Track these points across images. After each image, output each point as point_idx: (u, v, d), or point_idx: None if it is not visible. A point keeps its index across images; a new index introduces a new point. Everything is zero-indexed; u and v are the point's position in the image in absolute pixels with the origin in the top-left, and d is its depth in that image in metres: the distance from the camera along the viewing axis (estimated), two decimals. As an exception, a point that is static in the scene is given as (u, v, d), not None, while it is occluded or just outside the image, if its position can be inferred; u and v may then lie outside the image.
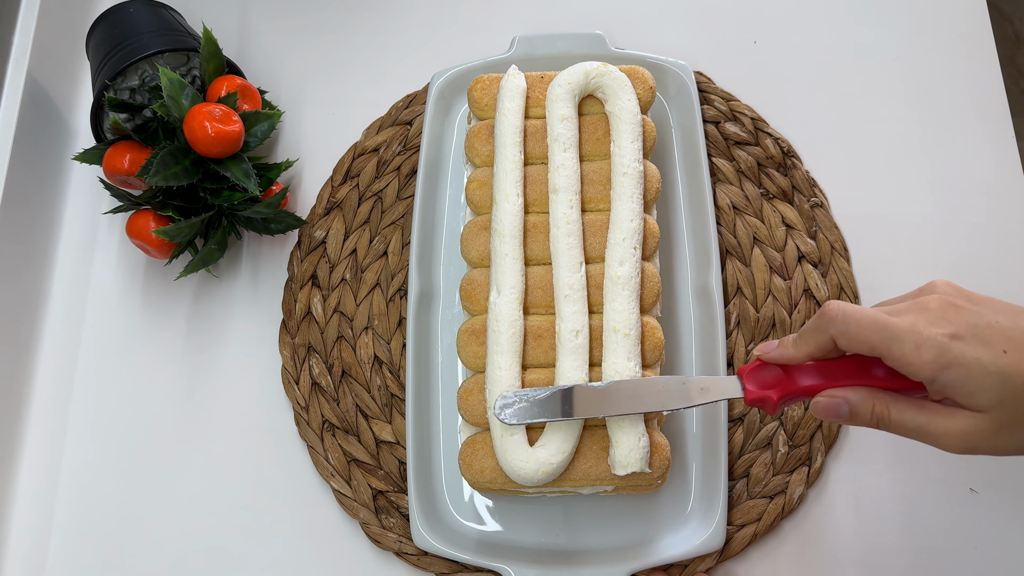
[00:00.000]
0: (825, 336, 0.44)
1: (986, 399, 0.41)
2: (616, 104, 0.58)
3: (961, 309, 0.42)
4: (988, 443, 0.42)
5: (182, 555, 0.59)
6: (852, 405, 0.44)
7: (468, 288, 0.56)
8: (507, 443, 0.51)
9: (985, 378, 0.40)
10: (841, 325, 0.43)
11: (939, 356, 0.41)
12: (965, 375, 0.40)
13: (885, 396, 0.44)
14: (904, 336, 0.41)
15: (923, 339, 0.41)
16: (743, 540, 0.57)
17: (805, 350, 0.46)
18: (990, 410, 0.41)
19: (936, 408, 0.43)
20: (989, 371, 0.40)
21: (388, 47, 0.72)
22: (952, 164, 0.66)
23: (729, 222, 0.64)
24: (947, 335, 0.41)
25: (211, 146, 0.59)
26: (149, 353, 0.64)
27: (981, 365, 0.40)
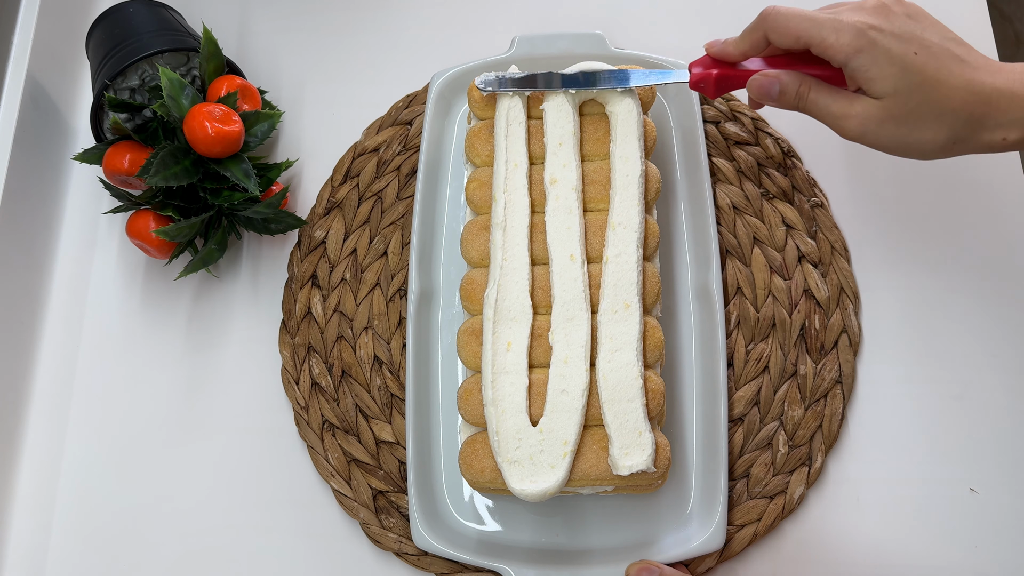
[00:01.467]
0: (759, 33, 0.50)
1: (884, 86, 0.46)
2: (618, 106, 0.58)
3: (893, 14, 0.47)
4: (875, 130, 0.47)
5: (182, 555, 0.59)
6: (782, 84, 0.50)
7: (468, 288, 0.56)
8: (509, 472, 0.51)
9: (888, 66, 0.45)
10: (772, 20, 0.49)
11: (854, 39, 0.46)
12: (871, 60, 0.45)
13: (812, 80, 0.50)
14: (826, 23, 0.47)
15: (843, 25, 0.46)
16: (743, 540, 0.57)
17: (742, 47, 0.52)
18: (885, 98, 0.46)
19: (844, 93, 0.48)
20: (894, 61, 0.45)
21: (388, 47, 0.72)
22: (952, 164, 0.66)
23: (729, 222, 0.64)
24: (867, 25, 0.46)
25: (211, 146, 0.59)
26: (149, 353, 0.64)
27: (889, 54, 0.45)
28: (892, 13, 0.47)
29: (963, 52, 0.48)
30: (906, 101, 0.46)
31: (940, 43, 0.47)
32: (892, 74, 0.45)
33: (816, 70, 0.51)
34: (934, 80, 0.46)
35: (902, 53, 0.46)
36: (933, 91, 0.46)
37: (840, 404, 0.59)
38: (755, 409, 0.60)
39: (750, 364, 0.60)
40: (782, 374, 0.60)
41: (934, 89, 0.46)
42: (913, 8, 0.49)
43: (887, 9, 0.47)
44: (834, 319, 0.61)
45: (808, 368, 0.60)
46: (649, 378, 0.53)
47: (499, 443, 0.51)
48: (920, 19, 0.48)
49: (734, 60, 0.53)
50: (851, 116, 0.48)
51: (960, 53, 0.47)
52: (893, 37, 0.46)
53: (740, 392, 0.60)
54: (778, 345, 0.61)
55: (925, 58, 0.46)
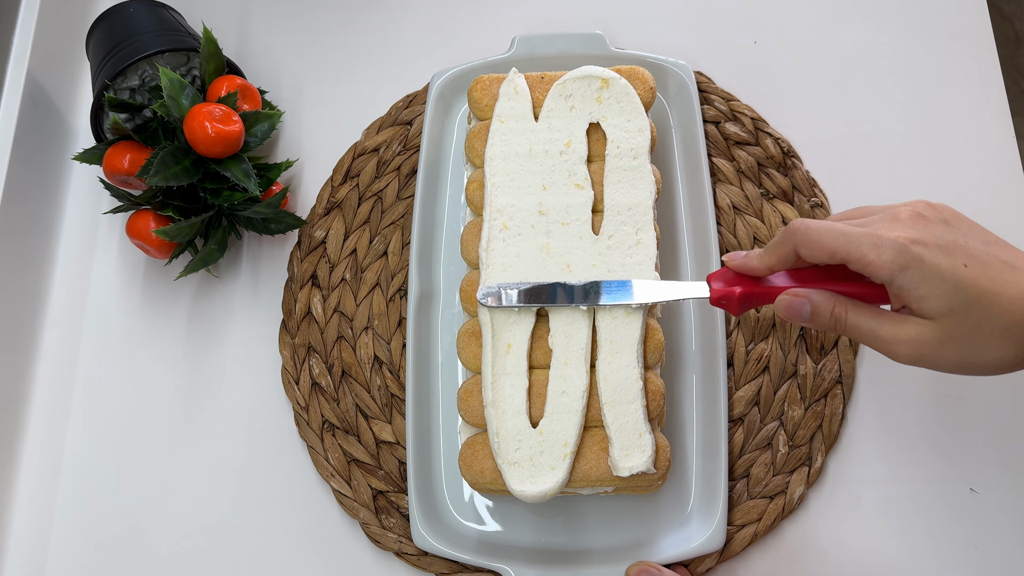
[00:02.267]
0: (787, 248, 0.46)
1: (937, 305, 0.41)
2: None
3: (930, 222, 0.43)
4: (933, 353, 0.42)
5: (182, 555, 0.59)
6: (814, 304, 0.45)
7: (468, 288, 0.56)
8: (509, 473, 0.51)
9: (940, 284, 0.41)
10: (803, 235, 0.44)
11: (898, 256, 0.41)
12: (920, 278, 0.41)
13: (845, 300, 0.45)
14: (864, 239, 0.42)
15: (883, 240, 0.42)
16: (743, 540, 0.57)
17: (768, 262, 0.47)
18: (940, 318, 0.42)
19: (890, 315, 0.44)
20: (945, 278, 0.41)
21: (388, 47, 0.72)
22: (952, 164, 0.66)
23: (729, 222, 0.64)
24: (909, 239, 0.42)
25: (211, 146, 0.59)
26: (149, 353, 0.64)
27: (938, 271, 0.41)
28: (929, 222, 0.43)
29: (1010, 256, 0.43)
30: (964, 320, 0.41)
31: (985, 249, 0.43)
32: (945, 291, 0.41)
33: (851, 286, 0.46)
34: (990, 293, 0.41)
35: (951, 267, 0.41)
36: (992, 305, 0.41)
37: (840, 404, 0.59)
38: (755, 409, 0.60)
39: (750, 364, 0.60)
40: (782, 374, 0.60)
41: (992, 303, 0.41)
42: (947, 212, 0.45)
43: (923, 218, 0.43)
44: (834, 319, 0.61)
45: (808, 368, 0.60)
46: (649, 379, 0.53)
47: (499, 444, 0.52)
48: (957, 223, 0.44)
49: (759, 275, 0.48)
50: (903, 341, 0.43)
51: (1008, 258, 0.43)
52: (938, 250, 0.42)
53: (740, 392, 0.60)
54: (778, 345, 0.61)
55: (976, 270, 0.41)
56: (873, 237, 0.42)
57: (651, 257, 0.55)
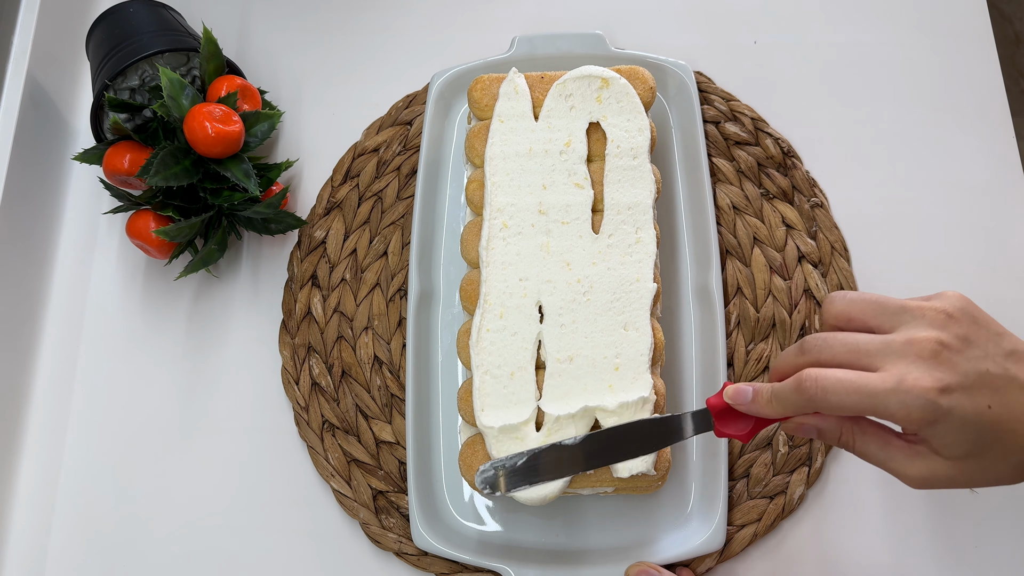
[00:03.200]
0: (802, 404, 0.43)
1: (959, 451, 0.41)
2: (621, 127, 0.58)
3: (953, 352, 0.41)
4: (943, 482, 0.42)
5: (182, 555, 0.59)
6: (821, 431, 0.45)
7: (468, 288, 0.56)
8: None
9: (967, 432, 0.41)
10: (821, 400, 0.42)
11: (926, 413, 0.40)
12: (947, 429, 0.40)
13: (852, 427, 0.44)
14: (889, 396, 0.40)
15: (910, 397, 0.40)
16: (743, 540, 0.57)
17: (781, 413, 0.44)
18: (957, 460, 0.41)
19: (900, 447, 0.43)
20: (972, 426, 0.40)
21: (388, 47, 0.72)
22: (952, 164, 0.66)
23: (729, 222, 0.64)
24: (936, 390, 0.40)
25: (211, 146, 0.59)
26: (149, 353, 0.64)
27: (965, 420, 0.40)
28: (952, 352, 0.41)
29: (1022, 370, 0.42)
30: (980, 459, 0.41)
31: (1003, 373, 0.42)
32: (970, 439, 0.41)
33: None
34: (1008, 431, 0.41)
35: (978, 413, 0.40)
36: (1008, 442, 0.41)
37: (840, 404, 0.59)
38: (755, 409, 0.59)
39: (750, 364, 0.60)
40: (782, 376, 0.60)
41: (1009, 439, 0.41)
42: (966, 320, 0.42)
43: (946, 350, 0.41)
44: (834, 319, 0.61)
45: (808, 368, 0.60)
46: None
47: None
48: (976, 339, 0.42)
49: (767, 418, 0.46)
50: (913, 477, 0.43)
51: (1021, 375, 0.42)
52: (965, 396, 0.40)
53: (740, 392, 0.60)
54: (778, 345, 0.61)
55: (998, 410, 0.41)
56: (898, 395, 0.40)
57: (651, 256, 0.55)
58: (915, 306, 0.43)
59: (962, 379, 0.41)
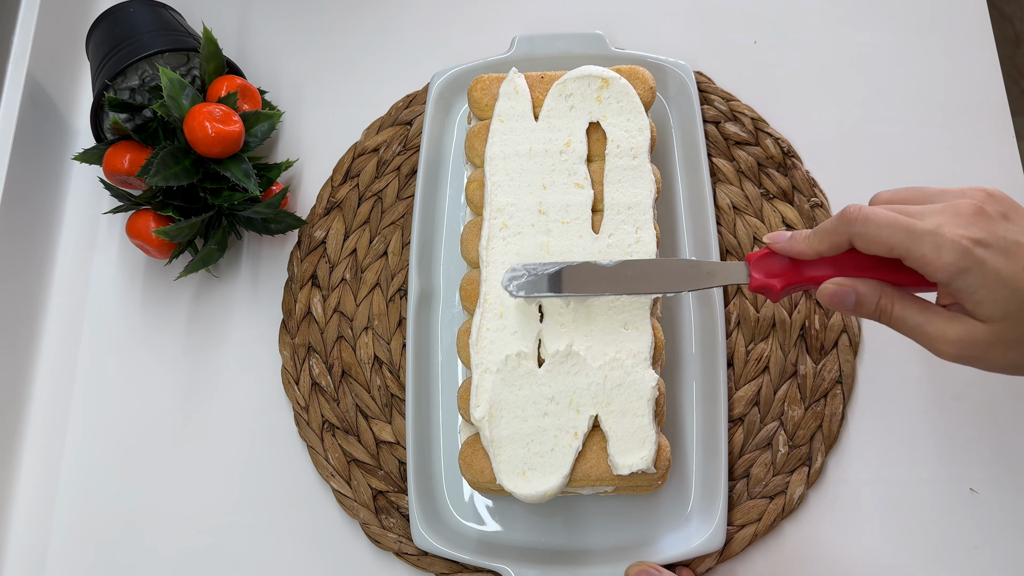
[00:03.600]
0: (842, 237, 0.44)
1: (994, 310, 0.41)
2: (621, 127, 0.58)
3: (992, 219, 0.42)
4: (980, 355, 0.42)
5: (182, 555, 0.59)
6: (859, 294, 0.44)
7: (468, 288, 0.56)
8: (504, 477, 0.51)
9: (999, 289, 0.40)
10: (860, 226, 0.43)
11: (960, 259, 0.40)
12: (980, 282, 0.40)
13: (892, 290, 0.44)
14: (925, 237, 0.41)
15: (945, 240, 0.41)
16: (743, 540, 0.57)
17: (817, 247, 0.45)
18: (994, 322, 0.41)
19: (939, 311, 0.43)
20: (1005, 283, 0.40)
21: (388, 47, 0.72)
22: (952, 164, 0.66)
23: (729, 222, 0.64)
24: (971, 239, 0.41)
25: (211, 146, 0.59)
26: (149, 353, 0.64)
27: (998, 276, 0.40)
28: (991, 219, 0.42)
29: None
30: (1018, 325, 0.41)
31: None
32: (1003, 297, 0.40)
33: (898, 276, 0.45)
34: None
35: (1012, 273, 0.40)
36: None
37: (840, 404, 0.59)
38: (755, 409, 0.60)
39: (750, 364, 0.60)
40: (782, 374, 0.60)
41: None
42: (1007, 203, 0.43)
43: (985, 214, 0.42)
44: (834, 319, 0.61)
45: (808, 368, 0.60)
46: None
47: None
48: (1017, 218, 0.43)
49: (805, 259, 0.46)
50: (950, 340, 0.42)
51: None
52: (1000, 253, 0.41)
53: (740, 392, 0.60)
54: (778, 345, 0.61)
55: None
56: (934, 236, 0.41)
57: (651, 255, 0.55)
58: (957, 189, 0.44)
59: (998, 240, 0.41)
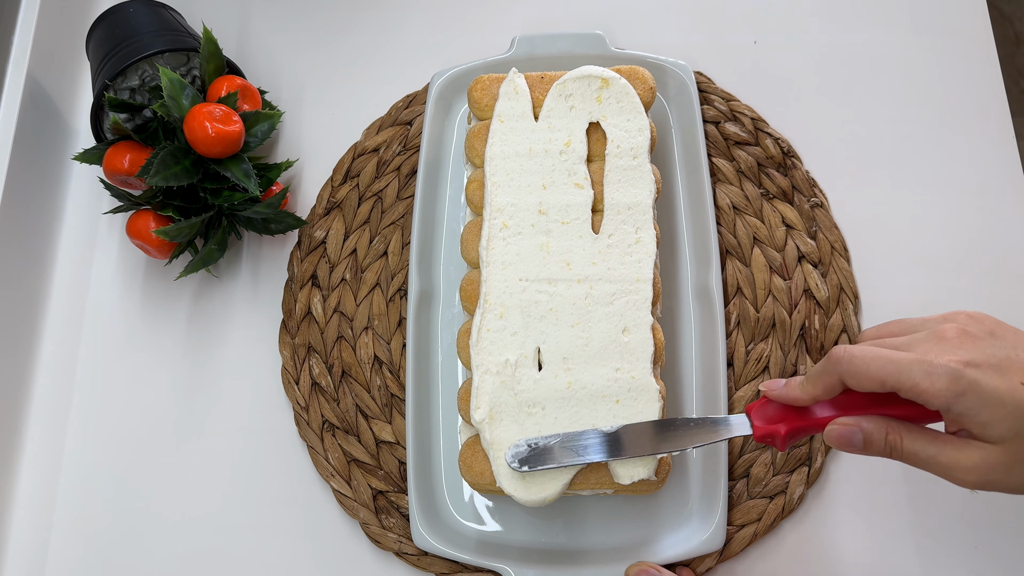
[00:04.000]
0: (833, 378, 0.43)
1: (1001, 430, 0.40)
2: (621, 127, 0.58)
3: (978, 339, 0.41)
4: (1002, 478, 0.41)
5: (182, 555, 0.59)
6: (866, 433, 0.43)
7: (468, 288, 0.56)
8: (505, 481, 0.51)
9: (1000, 408, 0.39)
10: (847, 365, 0.42)
11: (952, 383, 0.40)
12: (979, 404, 0.40)
13: (899, 425, 0.43)
14: (914, 366, 0.41)
15: (934, 366, 0.40)
16: (743, 540, 0.57)
17: (812, 392, 0.45)
18: (1005, 442, 0.40)
19: (949, 439, 0.42)
20: (1005, 401, 0.39)
21: (388, 47, 0.72)
22: (952, 164, 0.66)
23: (729, 222, 0.64)
24: (961, 362, 0.40)
25: (211, 146, 0.59)
26: (149, 353, 0.64)
27: (997, 394, 0.40)
28: (977, 339, 0.42)
29: None
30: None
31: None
32: (1007, 415, 0.40)
33: (901, 409, 0.44)
34: None
35: (1010, 389, 0.40)
36: None
37: (840, 404, 0.59)
38: (755, 409, 0.60)
39: (750, 364, 0.60)
40: (782, 374, 0.60)
41: None
42: (990, 322, 0.43)
43: (970, 336, 0.42)
44: (834, 319, 0.61)
45: (808, 368, 0.60)
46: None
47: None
48: (1003, 335, 0.42)
49: (802, 405, 0.46)
50: (967, 468, 0.41)
51: None
52: (993, 371, 0.40)
53: (740, 392, 0.60)
54: (778, 345, 0.61)
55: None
56: (924, 364, 0.40)
57: (650, 256, 0.55)
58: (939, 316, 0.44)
59: (988, 358, 0.41)
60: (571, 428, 0.51)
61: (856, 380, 0.42)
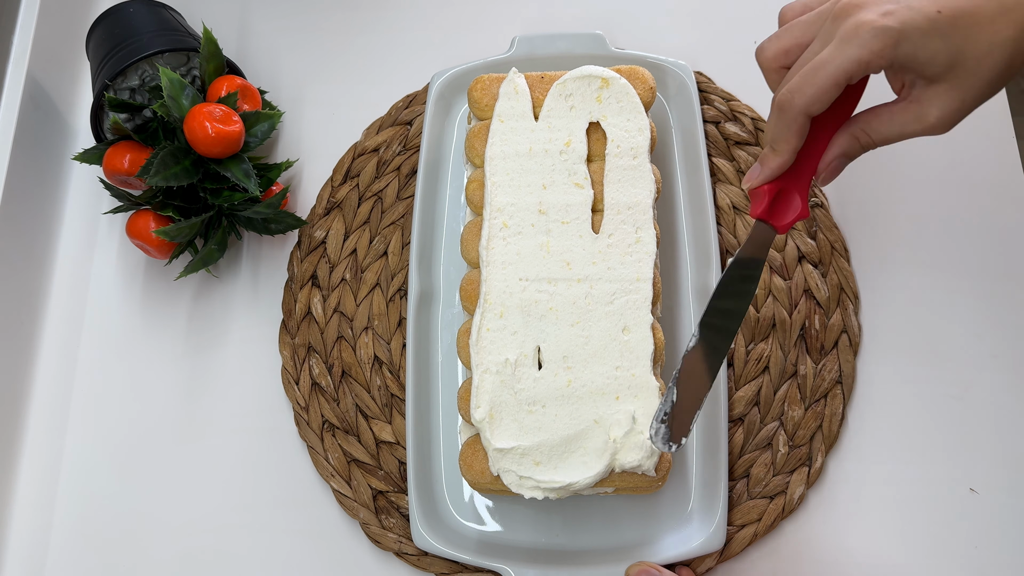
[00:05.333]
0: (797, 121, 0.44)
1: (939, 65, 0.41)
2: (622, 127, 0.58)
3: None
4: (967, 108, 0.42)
5: (182, 555, 0.59)
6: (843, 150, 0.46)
7: (468, 288, 0.56)
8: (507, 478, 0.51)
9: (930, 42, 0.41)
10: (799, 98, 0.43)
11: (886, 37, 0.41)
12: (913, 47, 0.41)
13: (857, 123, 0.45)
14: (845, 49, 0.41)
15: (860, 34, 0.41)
16: (743, 540, 0.57)
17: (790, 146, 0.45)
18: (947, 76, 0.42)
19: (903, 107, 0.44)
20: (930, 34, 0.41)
21: (388, 47, 0.72)
22: (952, 164, 0.66)
23: (729, 222, 0.64)
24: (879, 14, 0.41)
25: (211, 146, 0.59)
26: (149, 353, 0.64)
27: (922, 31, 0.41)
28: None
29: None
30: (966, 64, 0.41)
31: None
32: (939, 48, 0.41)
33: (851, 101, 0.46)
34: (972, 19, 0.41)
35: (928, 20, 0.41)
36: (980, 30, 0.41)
37: (840, 404, 0.59)
38: (755, 409, 0.60)
39: (750, 364, 0.60)
40: (782, 374, 0.60)
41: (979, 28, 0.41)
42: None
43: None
44: (834, 319, 0.61)
45: (808, 368, 0.60)
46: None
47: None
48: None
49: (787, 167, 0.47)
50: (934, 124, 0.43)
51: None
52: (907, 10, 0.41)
53: (740, 392, 0.60)
54: (778, 345, 0.61)
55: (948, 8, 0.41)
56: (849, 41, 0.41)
57: (650, 255, 0.55)
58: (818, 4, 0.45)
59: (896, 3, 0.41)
60: (572, 425, 0.51)
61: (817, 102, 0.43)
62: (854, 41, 0.41)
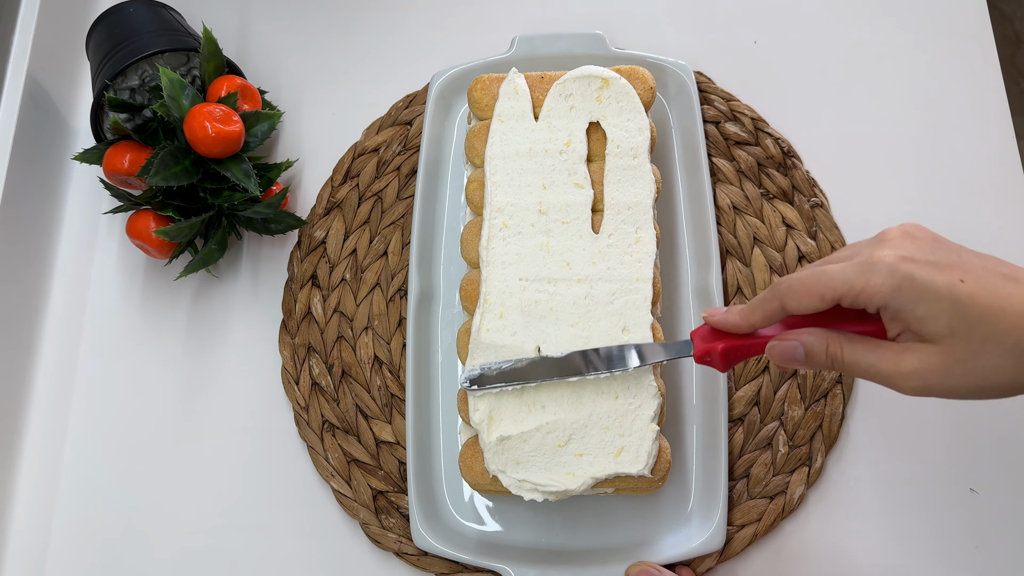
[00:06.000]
0: (773, 304, 0.43)
1: (937, 326, 0.39)
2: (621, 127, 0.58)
3: (919, 240, 0.41)
4: (941, 382, 0.40)
5: (182, 555, 0.59)
6: (806, 346, 0.43)
7: (468, 288, 0.56)
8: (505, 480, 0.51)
9: (937, 302, 0.39)
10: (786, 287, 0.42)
11: (888, 277, 0.39)
12: (916, 297, 0.39)
13: (839, 336, 0.42)
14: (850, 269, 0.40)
15: (871, 265, 0.40)
16: (743, 540, 0.57)
17: (751, 319, 0.45)
18: (942, 341, 0.39)
19: (889, 346, 0.41)
20: (941, 295, 0.39)
21: (388, 47, 0.72)
22: (952, 164, 0.66)
23: (729, 222, 0.64)
24: (898, 257, 0.40)
25: (211, 146, 0.59)
26: (149, 353, 0.64)
27: (933, 287, 0.39)
28: (918, 239, 0.41)
29: (1009, 270, 0.40)
30: (969, 341, 0.38)
31: (981, 264, 0.40)
32: (943, 310, 0.38)
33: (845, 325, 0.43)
34: (993, 309, 0.38)
35: (947, 283, 0.38)
36: (997, 322, 0.38)
37: (840, 404, 0.59)
38: (755, 409, 0.60)
39: (750, 364, 0.60)
40: (782, 374, 0.60)
41: (997, 319, 0.38)
42: (935, 233, 0.42)
43: (911, 236, 0.41)
44: (834, 319, 0.61)
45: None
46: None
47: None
48: (946, 242, 0.41)
49: (741, 332, 0.46)
50: (907, 373, 0.40)
51: (1007, 272, 0.40)
52: (930, 266, 0.39)
53: (740, 392, 0.60)
54: (778, 345, 0.61)
55: (974, 285, 0.38)
56: (860, 265, 0.40)
57: (650, 255, 0.55)
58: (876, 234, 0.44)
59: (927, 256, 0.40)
60: (572, 426, 0.52)
61: (797, 301, 0.42)
62: (860, 267, 0.40)
